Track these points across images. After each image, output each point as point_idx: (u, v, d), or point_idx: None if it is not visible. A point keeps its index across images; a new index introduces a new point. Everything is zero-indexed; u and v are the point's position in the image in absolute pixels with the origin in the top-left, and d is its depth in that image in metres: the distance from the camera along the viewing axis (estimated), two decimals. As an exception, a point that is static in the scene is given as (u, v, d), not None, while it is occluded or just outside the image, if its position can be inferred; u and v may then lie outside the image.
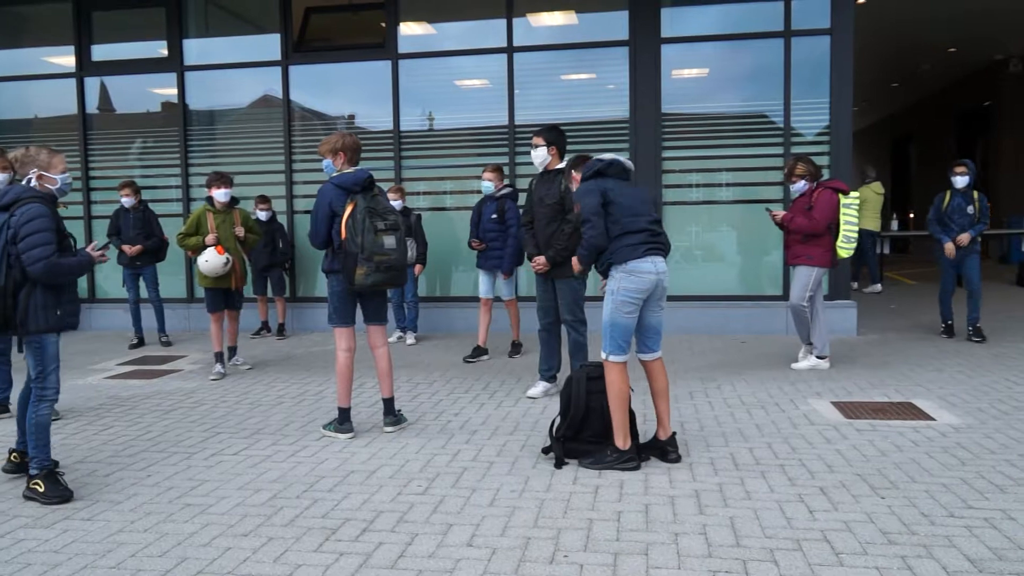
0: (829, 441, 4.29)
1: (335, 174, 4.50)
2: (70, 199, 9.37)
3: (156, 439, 4.59)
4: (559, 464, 3.91)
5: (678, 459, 3.96)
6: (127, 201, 7.78)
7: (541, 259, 5.36)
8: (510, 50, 8.50)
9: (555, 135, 5.39)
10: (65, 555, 2.99)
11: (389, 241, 4.33)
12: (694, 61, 8.32)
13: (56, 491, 3.56)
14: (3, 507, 3.51)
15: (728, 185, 8.33)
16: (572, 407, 4.00)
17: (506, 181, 7.28)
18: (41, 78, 9.50)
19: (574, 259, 4.35)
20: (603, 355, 3.88)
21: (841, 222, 6.03)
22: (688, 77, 8.36)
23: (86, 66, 9.36)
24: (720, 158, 8.29)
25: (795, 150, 8.04)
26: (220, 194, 6.19)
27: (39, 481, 3.58)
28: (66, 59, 9.40)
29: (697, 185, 8.35)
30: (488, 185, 6.92)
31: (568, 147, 5.46)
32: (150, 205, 8.12)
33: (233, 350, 6.65)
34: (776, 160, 8.16)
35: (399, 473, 3.88)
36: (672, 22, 8.24)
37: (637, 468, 3.82)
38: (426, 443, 4.40)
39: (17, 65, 9.54)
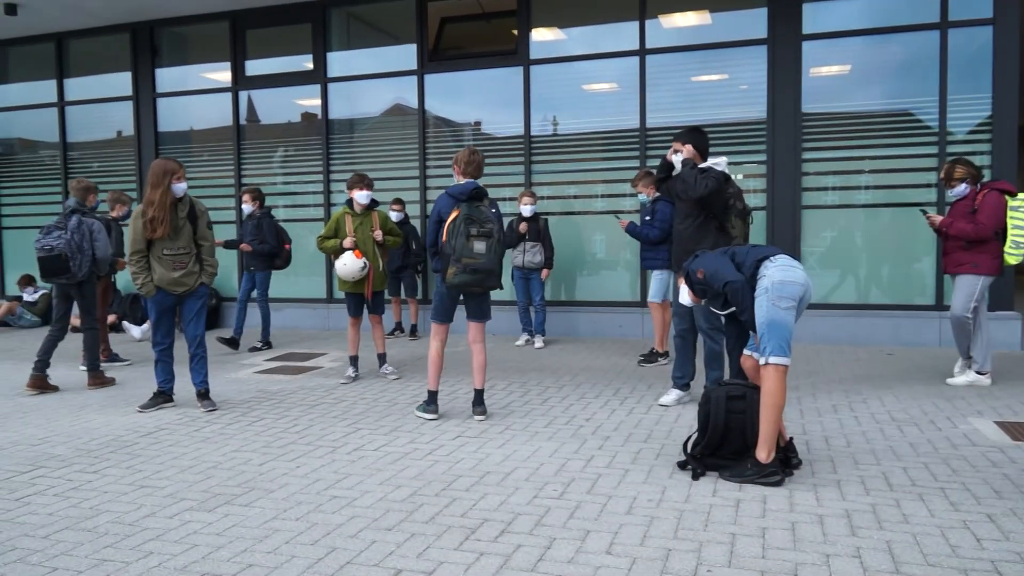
0: (995, 464, 3.95)
1: (451, 185, 5.00)
2: (222, 204, 10.07)
3: (303, 432, 4.83)
4: (696, 476, 3.81)
5: (799, 464, 3.87)
6: (246, 208, 8.19)
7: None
8: (642, 52, 8.40)
9: (691, 136, 5.28)
10: (226, 538, 3.19)
11: (479, 246, 4.73)
12: (837, 57, 7.92)
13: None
14: (171, 490, 3.79)
15: (874, 188, 7.87)
16: (710, 428, 3.87)
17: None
18: (200, 93, 10.26)
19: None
20: (760, 359, 3.70)
21: (1009, 226, 5.55)
22: (830, 74, 7.97)
23: (240, 81, 10.02)
24: (865, 159, 7.86)
25: (951, 149, 7.51)
26: (361, 196, 6.34)
27: None
28: (222, 75, 10.10)
29: (840, 188, 7.94)
30: (643, 197, 6.93)
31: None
32: (274, 212, 8.43)
33: (382, 357, 6.58)
34: (928, 160, 7.65)
35: (534, 476, 3.90)
36: (814, 17, 7.89)
37: (780, 483, 3.66)
38: (559, 447, 4.40)
39: (178, 81, 10.34)
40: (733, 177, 5.20)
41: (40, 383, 6.13)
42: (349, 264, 6.16)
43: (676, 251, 5.23)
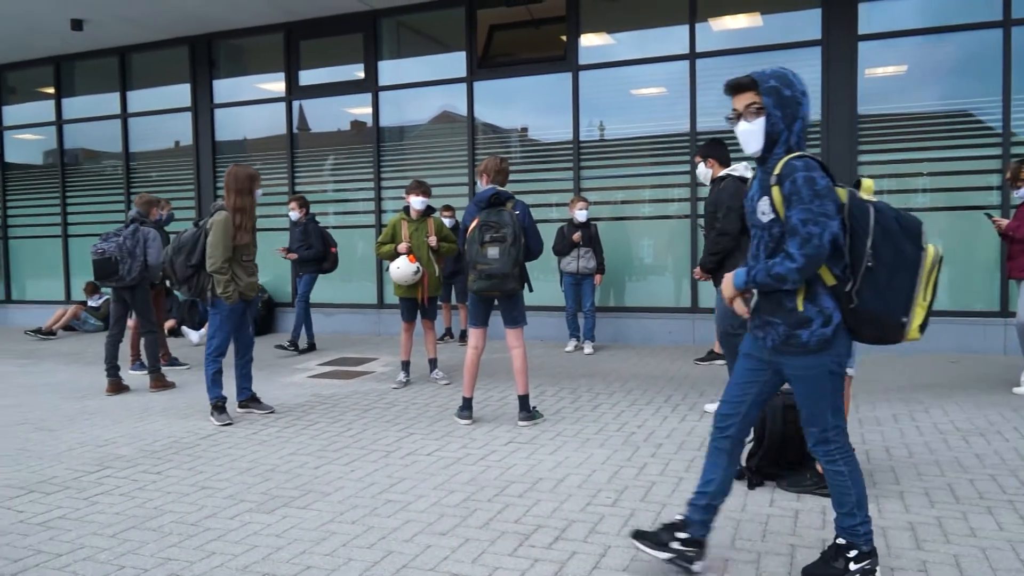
0: (1068, 477, 3.80)
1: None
2: (277, 211, 10.29)
3: (357, 436, 4.90)
4: (752, 485, 3.75)
5: None
6: (293, 215, 8.36)
7: (698, 268, 5.35)
8: (692, 56, 8.32)
9: (710, 148, 5.31)
10: (285, 540, 3.25)
11: (492, 252, 4.85)
12: (894, 57, 7.73)
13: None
14: (231, 492, 3.88)
15: (933, 190, 7.66)
16: (767, 438, 3.80)
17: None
18: (255, 103, 10.50)
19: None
20: None
21: (1079, 231, 5.35)
22: (886, 75, 7.79)
23: (294, 90, 10.23)
24: (924, 161, 7.65)
25: (1016, 151, 7.27)
26: (417, 201, 6.40)
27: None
28: (277, 85, 10.33)
29: (897, 191, 7.74)
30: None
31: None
32: (326, 219, 8.60)
33: (433, 363, 6.66)
34: (991, 162, 7.41)
35: (586, 483, 3.89)
36: (870, 17, 7.73)
37: (841, 494, 3.57)
38: (611, 454, 4.38)
39: (235, 92, 10.61)
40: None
41: (117, 387, 6.41)
42: (403, 268, 6.23)
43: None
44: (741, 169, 5.10)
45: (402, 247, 6.32)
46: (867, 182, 2.61)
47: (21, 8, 9.29)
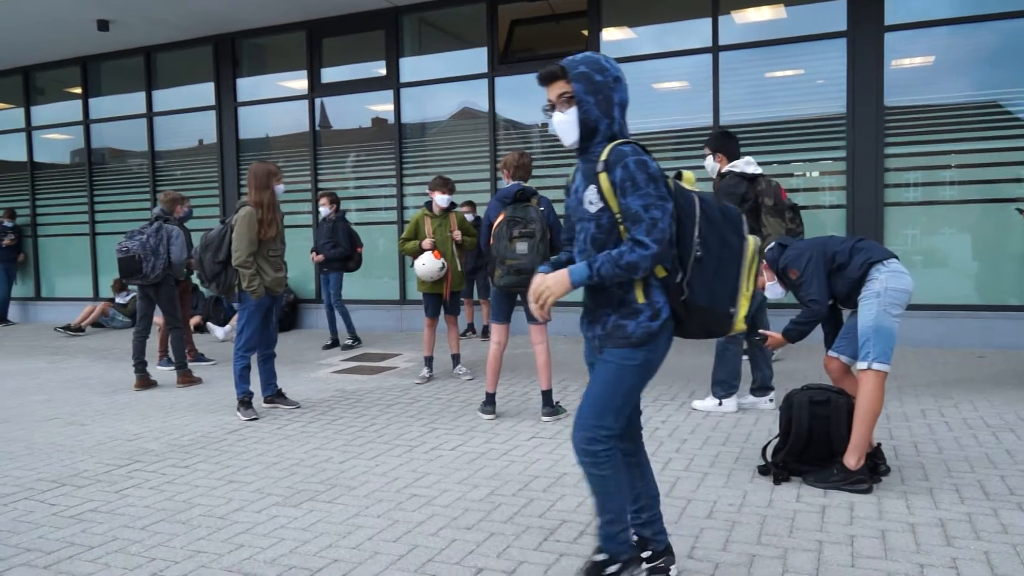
0: (1102, 474, 3.74)
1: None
2: (300, 208, 10.36)
3: (380, 431, 4.93)
4: (778, 480, 3.72)
5: (888, 471, 3.75)
6: (324, 211, 8.39)
7: None
8: (715, 49, 8.26)
9: (718, 141, 5.23)
10: (312, 533, 3.28)
11: (521, 247, 4.89)
12: (921, 48, 7.62)
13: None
14: (258, 485, 3.93)
15: (961, 183, 7.54)
16: (792, 434, 3.76)
17: None
18: (278, 101, 10.58)
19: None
20: (862, 364, 3.56)
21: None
22: (913, 66, 7.68)
23: (317, 88, 10.29)
24: (952, 153, 7.53)
25: (1048, 142, 7.13)
26: (441, 199, 6.45)
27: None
28: (299, 83, 10.39)
29: (924, 184, 7.64)
30: None
31: (780, 146, 5.22)
32: (348, 215, 8.62)
33: (456, 358, 6.70)
34: (1022, 154, 7.27)
35: (611, 478, 3.88)
36: (896, 8, 7.61)
37: (869, 491, 3.54)
38: (635, 449, 4.36)
39: (258, 90, 10.69)
40: (763, 175, 5.08)
41: (145, 382, 6.51)
42: (428, 265, 6.26)
43: None
44: (742, 165, 5.03)
45: (427, 243, 6.35)
46: (688, 174, 2.53)
47: (49, 10, 9.43)
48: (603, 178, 2.38)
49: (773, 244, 4.00)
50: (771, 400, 5.20)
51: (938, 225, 7.65)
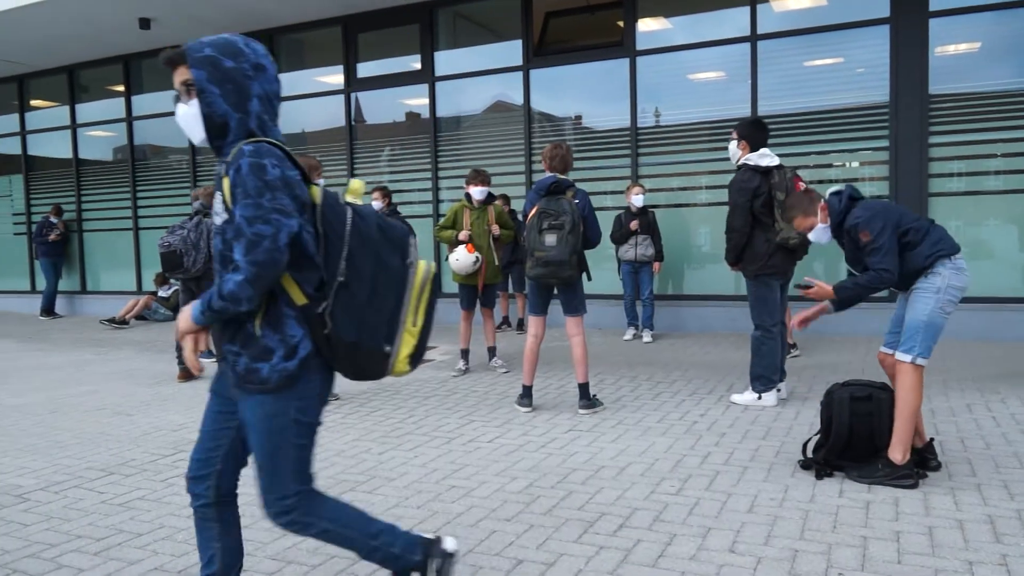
0: None
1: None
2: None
3: (419, 423, 4.97)
4: (820, 475, 3.67)
5: (939, 466, 3.68)
6: (376, 204, 8.40)
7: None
8: (753, 39, 8.14)
9: (746, 128, 5.14)
10: (353, 523, 3.32)
11: (550, 239, 4.87)
12: (967, 34, 7.43)
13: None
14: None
15: (1008, 172, 7.34)
16: (834, 431, 3.69)
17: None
18: (315, 96, 10.68)
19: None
20: (906, 358, 3.48)
21: None
22: (958, 53, 7.49)
23: (352, 83, 10.37)
24: (1000, 142, 7.34)
25: (1101, 129, 6.91)
26: (477, 192, 6.47)
27: None
28: (335, 78, 10.48)
29: (970, 173, 7.45)
30: None
31: (820, 135, 5.10)
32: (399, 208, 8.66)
33: (492, 351, 6.74)
34: (1075, 141, 7.06)
35: (649, 471, 3.86)
36: (942, -7, 7.43)
37: (915, 486, 3.47)
38: (674, 443, 4.34)
39: (295, 85, 10.80)
40: (779, 168, 4.98)
41: (187, 374, 6.65)
42: (462, 259, 6.29)
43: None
44: (755, 157, 4.94)
45: (463, 235, 6.37)
46: (355, 183, 2.19)
47: (92, 9, 9.62)
48: (226, 184, 2.00)
49: (842, 189, 3.69)
50: (779, 391, 5.15)
51: (984, 216, 7.46)
